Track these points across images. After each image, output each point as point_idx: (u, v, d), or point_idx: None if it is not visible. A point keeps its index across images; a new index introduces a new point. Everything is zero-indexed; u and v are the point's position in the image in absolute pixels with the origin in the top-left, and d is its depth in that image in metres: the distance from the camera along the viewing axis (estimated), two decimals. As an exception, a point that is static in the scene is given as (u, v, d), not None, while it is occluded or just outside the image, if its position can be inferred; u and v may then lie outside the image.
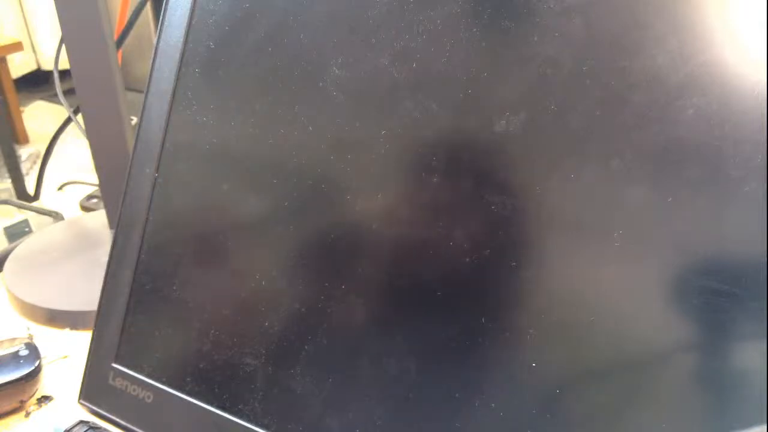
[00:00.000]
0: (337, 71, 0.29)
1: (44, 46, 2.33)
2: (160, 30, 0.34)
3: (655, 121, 0.23)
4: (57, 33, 0.46)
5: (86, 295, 0.45)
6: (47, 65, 2.33)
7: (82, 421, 0.35)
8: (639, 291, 0.24)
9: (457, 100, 0.27)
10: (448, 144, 0.27)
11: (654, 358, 0.24)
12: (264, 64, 0.31)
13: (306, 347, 0.30)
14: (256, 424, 0.31)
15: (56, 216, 0.62)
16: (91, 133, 0.48)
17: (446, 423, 0.27)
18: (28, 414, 0.38)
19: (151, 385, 0.34)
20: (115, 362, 0.35)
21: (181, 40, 0.33)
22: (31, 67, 2.34)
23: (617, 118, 0.24)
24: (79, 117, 0.50)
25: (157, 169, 0.34)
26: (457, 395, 0.27)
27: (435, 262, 0.27)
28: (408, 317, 0.28)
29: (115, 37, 0.48)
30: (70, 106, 0.54)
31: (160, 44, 0.34)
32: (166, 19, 0.34)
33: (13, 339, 0.40)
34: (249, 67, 0.32)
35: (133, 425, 0.34)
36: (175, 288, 0.34)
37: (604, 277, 0.25)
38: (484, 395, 0.26)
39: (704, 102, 0.23)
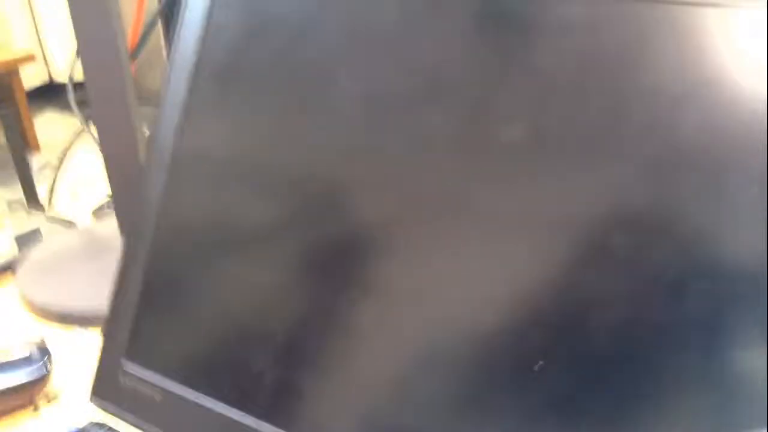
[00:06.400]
0: (346, 83, 0.30)
1: (56, 58, 2.36)
2: (175, 42, 0.35)
3: (656, 131, 0.24)
4: (68, 46, 0.47)
5: (97, 297, 0.46)
6: (58, 77, 2.35)
7: (93, 423, 0.36)
8: (639, 293, 0.24)
9: (464, 111, 0.28)
10: (455, 153, 0.28)
11: (654, 359, 0.24)
12: (275, 76, 0.32)
13: (314, 348, 0.31)
14: (266, 422, 0.31)
15: (68, 225, 0.63)
16: (103, 144, 0.49)
17: (446, 422, 0.28)
18: (38, 411, 0.38)
19: (161, 383, 0.34)
20: (126, 361, 0.36)
21: (194, 52, 0.34)
22: (43, 78, 2.36)
23: (619, 128, 0.25)
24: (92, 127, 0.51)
25: (170, 177, 0.35)
26: (456, 394, 0.28)
27: (441, 268, 0.28)
28: (409, 318, 0.29)
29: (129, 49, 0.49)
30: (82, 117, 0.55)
31: (174, 56, 0.35)
32: (180, 31, 0.35)
33: (25, 340, 0.41)
34: (261, 80, 0.33)
35: (143, 423, 0.35)
36: (184, 289, 0.34)
37: (605, 280, 0.25)
38: (486, 394, 0.27)
39: (704, 112, 0.23)
